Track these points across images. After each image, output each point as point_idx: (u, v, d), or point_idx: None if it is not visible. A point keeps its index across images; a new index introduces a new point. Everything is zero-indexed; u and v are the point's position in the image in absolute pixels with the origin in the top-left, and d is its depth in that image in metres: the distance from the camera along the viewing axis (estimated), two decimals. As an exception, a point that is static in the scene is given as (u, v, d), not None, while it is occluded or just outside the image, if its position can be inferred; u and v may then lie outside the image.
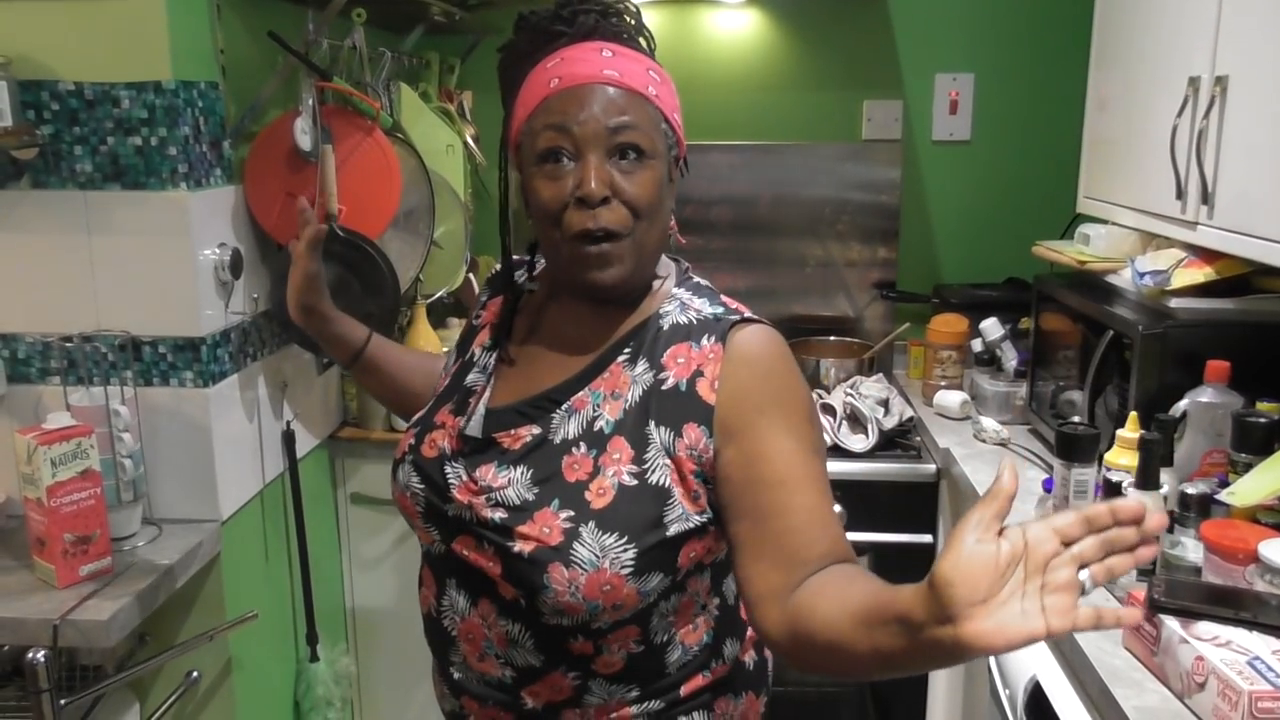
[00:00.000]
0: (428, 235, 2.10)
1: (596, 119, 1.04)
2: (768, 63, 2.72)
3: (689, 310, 1.12)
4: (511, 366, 1.18)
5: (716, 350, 1.07)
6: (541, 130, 1.06)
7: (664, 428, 1.06)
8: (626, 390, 1.09)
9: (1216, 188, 1.65)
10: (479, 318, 1.27)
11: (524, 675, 1.11)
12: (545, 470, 1.07)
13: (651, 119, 1.07)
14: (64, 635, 1.44)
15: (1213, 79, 1.65)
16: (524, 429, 1.10)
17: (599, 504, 1.03)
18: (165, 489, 1.75)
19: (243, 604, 1.82)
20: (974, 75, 2.67)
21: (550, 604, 1.03)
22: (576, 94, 1.05)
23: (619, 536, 1.02)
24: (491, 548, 1.07)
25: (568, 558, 1.02)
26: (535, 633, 1.08)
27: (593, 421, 1.08)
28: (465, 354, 1.24)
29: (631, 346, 1.11)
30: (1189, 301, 1.76)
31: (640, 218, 1.06)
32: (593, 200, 1.03)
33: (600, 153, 1.04)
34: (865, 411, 2.24)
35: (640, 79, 1.08)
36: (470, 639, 1.12)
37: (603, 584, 1.02)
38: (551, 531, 1.03)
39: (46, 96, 1.62)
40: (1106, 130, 2.16)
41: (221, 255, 1.73)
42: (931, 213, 2.76)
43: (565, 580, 1.02)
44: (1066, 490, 1.55)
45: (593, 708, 1.12)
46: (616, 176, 1.05)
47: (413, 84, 2.38)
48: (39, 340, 1.71)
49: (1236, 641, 1.22)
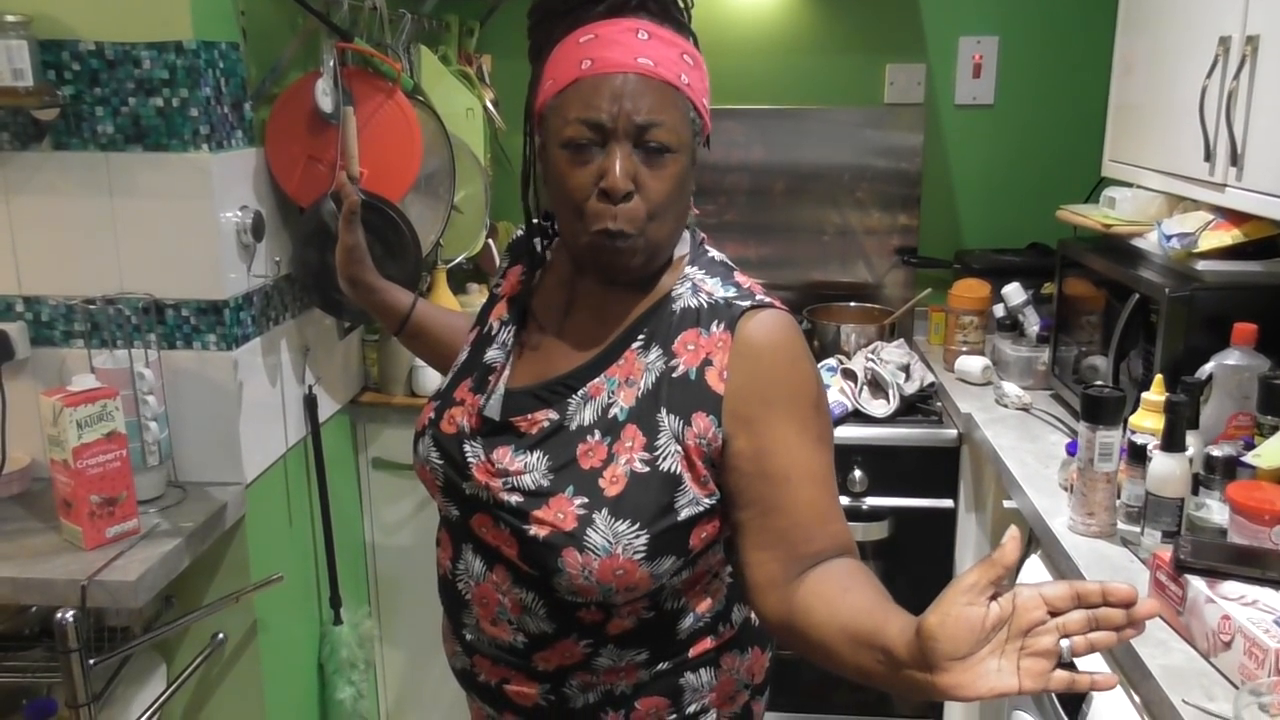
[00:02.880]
0: (448, 199, 2.09)
1: (626, 114, 1.02)
2: (789, 26, 2.69)
3: (700, 293, 1.11)
4: (528, 346, 1.18)
5: (725, 338, 1.06)
6: (571, 119, 1.04)
7: (674, 415, 1.06)
8: (640, 377, 1.09)
9: (1246, 149, 1.63)
10: (499, 286, 1.27)
11: (536, 641, 1.12)
12: (561, 457, 1.08)
13: (681, 111, 1.06)
14: (92, 596, 1.46)
15: (1244, 38, 1.63)
16: (541, 414, 1.11)
17: (612, 491, 1.04)
18: (189, 452, 1.76)
19: (267, 567, 1.84)
20: (998, 38, 2.64)
21: (565, 585, 1.05)
22: (608, 83, 1.03)
23: (631, 523, 1.03)
24: (508, 529, 1.08)
25: (581, 543, 1.03)
26: (548, 602, 1.09)
27: (608, 409, 1.08)
28: (483, 324, 1.24)
29: (645, 332, 1.11)
30: (1216, 264, 1.74)
31: (654, 218, 1.05)
32: (616, 195, 1.03)
33: (627, 145, 1.03)
34: (886, 377, 2.24)
35: (673, 67, 1.05)
36: (484, 603, 1.13)
37: (615, 569, 1.03)
38: (566, 517, 1.04)
39: (67, 56, 1.61)
40: (1133, 93, 2.13)
41: (243, 218, 1.73)
42: (954, 177, 2.73)
43: (579, 564, 1.03)
44: (1091, 452, 1.54)
45: (602, 670, 1.13)
46: (641, 170, 1.04)
47: (432, 47, 2.36)
48: (62, 303, 1.72)
49: (1263, 601, 1.22)
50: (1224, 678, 1.20)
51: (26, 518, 1.65)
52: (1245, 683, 1.13)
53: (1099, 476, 1.55)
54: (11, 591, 1.49)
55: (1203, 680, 1.20)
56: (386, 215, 1.89)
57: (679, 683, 1.15)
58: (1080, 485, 1.58)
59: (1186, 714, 1.14)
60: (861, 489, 2.18)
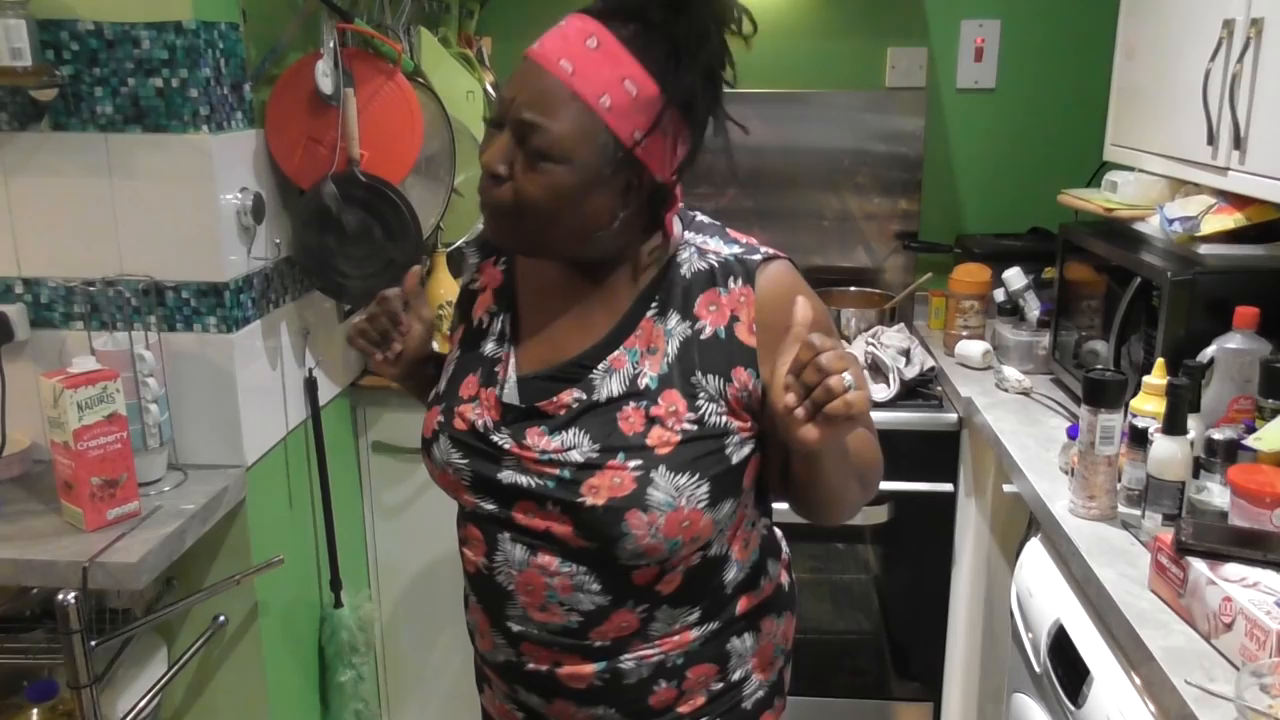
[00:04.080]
0: (448, 182, 2.08)
1: (519, 105, 1.03)
2: (791, 8, 2.68)
3: (706, 255, 1.13)
4: (526, 333, 1.18)
5: (747, 293, 1.10)
6: (499, 93, 1.09)
7: (712, 375, 1.10)
8: (663, 343, 1.10)
9: (1249, 132, 1.63)
10: (475, 282, 1.26)
11: (590, 618, 1.12)
12: (602, 429, 1.09)
13: (583, 128, 1.01)
14: (94, 577, 1.46)
15: (1248, 21, 1.62)
16: (565, 394, 1.11)
17: (664, 450, 1.07)
18: (190, 434, 1.76)
19: (268, 550, 1.84)
20: (1000, 21, 2.63)
21: (629, 549, 1.06)
22: (524, 67, 1.05)
23: (690, 474, 1.07)
24: (558, 507, 1.08)
25: (644, 503, 1.05)
26: (601, 575, 1.10)
27: (635, 378, 1.10)
28: (468, 321, 1.23)
29: (658, 300, 1.12)
30: (1218, 248, 1.74)
31: (523, 214, 1.05)
32: (485, 169, 1.05)
33: (514, 134, 1.04)
34: (887, 361, 2.24)
35: (596, 85, 1.01)
36: (529, 590, 1.13)
37: (682, 521, 1.06)
38: (623, 481, 1.06)
39: (66, 36, 1.60)
40: (1136, 76, 2.13)
41: (244, 200, 1.73)
42: (955, 162, 2.73)
43: (645, 524, 1.05)
44: (1092, 436, 1.54)
45: (657, 637, 1.14)
46: (518, 164, 1.04)
47: (432, 28, 2.35)
48: (61, 285, 1.71)
49: (1264, 583, 1.22)
50: (1225, 659, 1.21)
51: (27, 499, 1.65)
52: (1246, 664, 1.14)
53: (1100, 460, 1.56)
54: (13, 573, 1.48)
55: (1204, 662, 1.21)
56: (387, 197, 1.89)
57: (726, 648, 1.18)
58: (1081, 469, 1.58)
59: (1188, 694, 1.15)
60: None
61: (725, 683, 1.20)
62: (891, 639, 2.37)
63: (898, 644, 2.37)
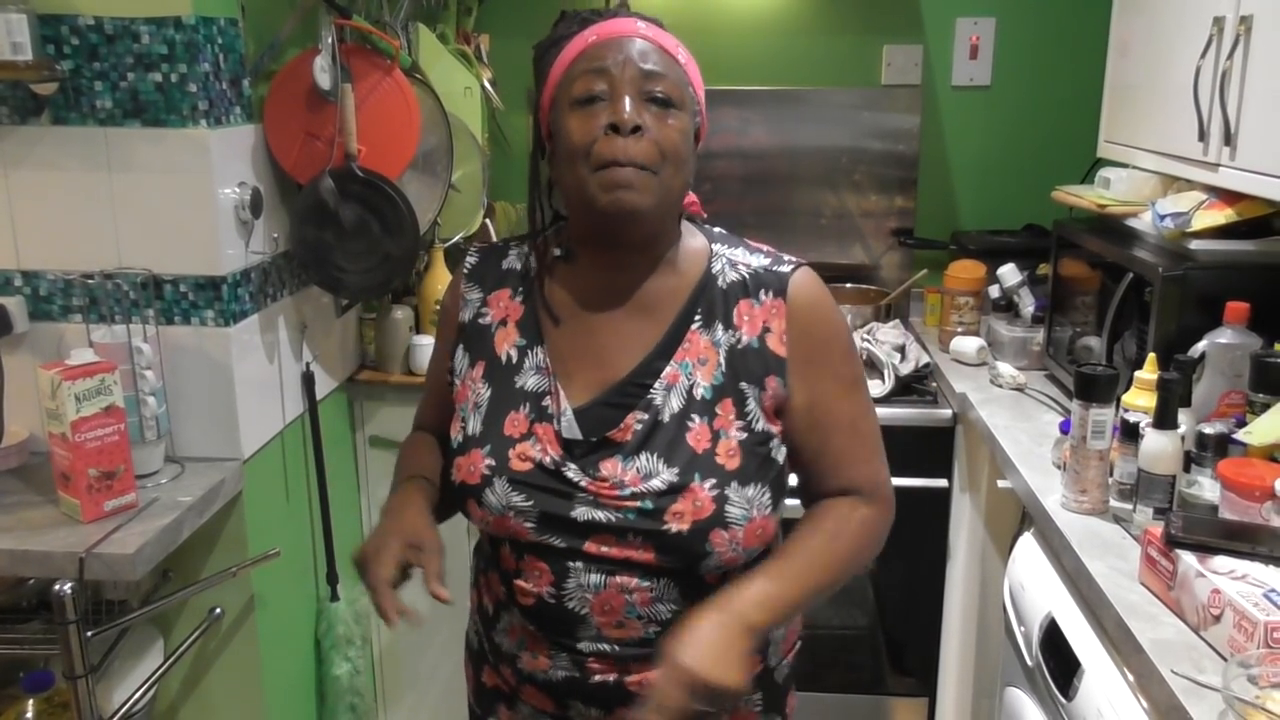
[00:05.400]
0: (446, 178, 2.09)
1: (633, 61, 1.09)
2: (787, 6, 2.68)
3: (738, 266, 1.18)
4: (568, 359, 1.17)
5: (779, 305, 1.16)
6: (579, 75, 1.10)
7: (750, 384, 1.14)
8: (713, 354, 1.14)
9: (1239, 128, 1.64)
10: (484, 316, 1.22)
11: (668, 625, 1.12)
12: (673, 450, 1.11)
13: (680, 78, 1.12)
14: (90, 568, 1.46)
15: (1237, 18, 1.63)
16: (630, 418, 1.12)
17: (732, 465, 1.11)
18: (187, 427, 1.77)
19: (264, 542, 1.85)
20: (995, 19, 2.64)
21: (712, 564, 1.11)
22: (615, 43, 1.10)
23: (756, 485, 1.12)
24: (639, 538, 1.10)
25: (725, 521, 1.09)
26: (681, 585, 1.12)
27: (691, 390, 1.13)
28: (488, 357, 1.20)
29: (701, 311, 1.15)
30: (1209, 244, 1.75)
31: (666, 159, 1.09)
32: (624, 127, 1.06)
33: (635, 93, 1.08)
34: (882, 357, 2.25)
35: (671, 44, 1.14)
36: (606, 610, 1.13)
37: (756, 530, 1.12)
38: (703, 505, 1.09)
39: (66, 31, 1.61)
40: (1129, 73, 2.13)
41: (241, 194, 1.73)
42: (950, 159, 2.74)
43: (726, 541, 1.10)
44: (1084, 430, 1.55)
45: None
46: (648, 117, 1.08)
47: (430, 25, 2.36)
48: (60, 277, 1.72)
49: (1252, 575, 1.23)
50: (1214, 651, 1.21)
51: (24, 491, 1.66)
52: (1234, 655, 1.15)
53: (1092, 454, 1.57)
54: (9, 564, 1.49)
55: (1192, 653, 1.22)
56: (384, 192, 1.89)
57: (769, 636, 1.22)
58: (1073, 463, 1.59)
59: (1175, 684, 1.15)
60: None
61: (765, 668, 1.24)
62: (887, 634, 2.38)
63: (893, 639, 2.38)
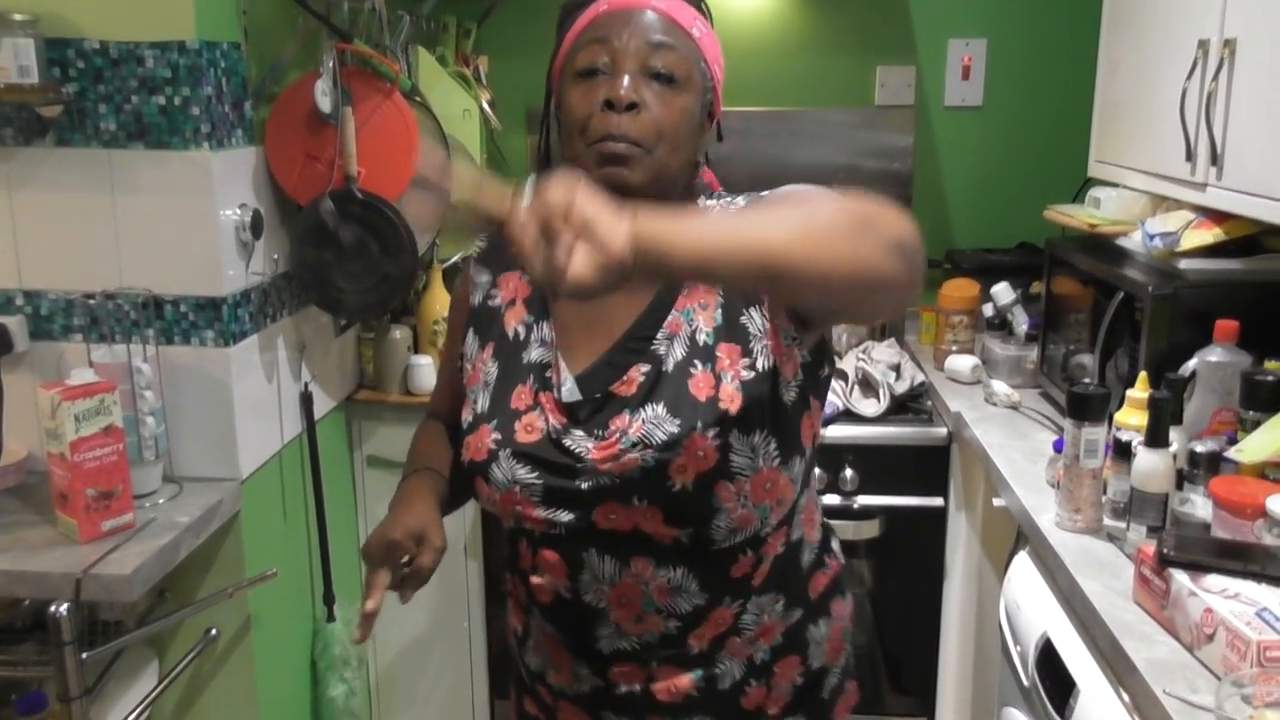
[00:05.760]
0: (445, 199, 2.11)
1: (637, 35, 1.08)
2: (781, 28, 2.71)
3: (735, 202, 1.17)
4: (571, 327, 1.15)
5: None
6: (584, 46, 1.09)
7: (749, 310, 1.11)
8: (710, 297, 1.11)
9: (1225, 149, 1.65)
10: (494, 298, 1.22)
11: (689, 620, 1.11)
12: (675, 398, 1.07)
13: (691, 53, 1.10)
14: (87, 589, 1.46)
15: (1221, 42, 1.65)
16: (633, 370, 1.10)
17: (734, 409, 1.06)
18: (186, 447, 1.77)
19: (261, 563, 1.85)
20: (987, 40, 2.67)
21: (724, 526, 1.06)
22: (622, 15, 1.09)
23: (760, 432, 1.07)
24: (645, 499, 1.06)
25: (730, 472, 1.05)
26: (698, 571, 1.09)
27: (694, 336, 1.10)
28: (499, 336, 1.19)
29: None
30: (1198, 262, 1.77)
31: (663, 138, 1.07)
32: (619, 104, 1.06)
33: (636, 68, 1.07)
34: (877, 376, 2.26)
35: (686, 17, 1.12)
36: (624, 603, 1.10)
37: (764, 483, 1.07)
38: (706, 454, 1.05)
39: (72, 54, 1.63)
40: (1117, 94, 2.16)
41: (242, 215, 1.75)
42: (944, 178, 2.76)
43: (734, 494, 1.05)
44: (1077, 449, 1.56)
45: (749, 631, 1.14)
46: (648, 94, 1.07)
47: (430, 48, 2.38)
48: (62, 297, 1.73)
49: (1245, 594, 1.24)
50: (1207, 670, 1.22)
51: (22, 510, 1.66)
52: (1227, 674, 1.15)
53: (1085, 473, 1.58)
54: (5, 584, 1.49)
55: (1186, 673, 1.22)
56: (383, 214, 1.91)
57: (805, 636, 1.20)
58: (1067, 482, 1.60)
59: (1169, 705, 1.16)
60: (852, 488, 2.20)
61: (807, 675, 1.21)
62: (885, 653, 2.38)
63: (891, 658, 2.38)
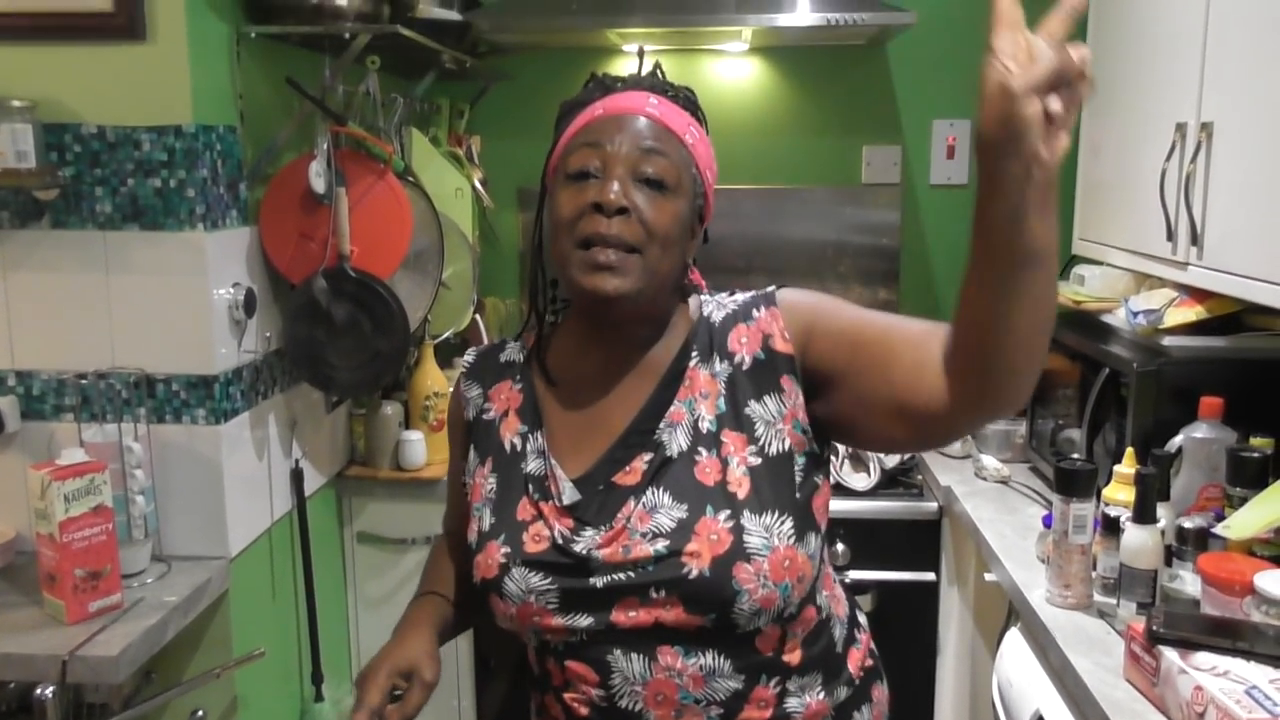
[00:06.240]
0: (436, 276, 2.14)
1: (629, 141, 1.09)
2: (770, 109, 2.78)
3: (724, 306, 1.19)
4: (565, 435, 1.15)
5: (773, 313, 1.15)
6: (576, 149, 1.11)
7: (761, 400, 1.11)
8: (714, 386, 1.12)
9: (1205, 229, 1.69)
10: (487, 412, 1.22)
11: (730, 706, 1.09)
12: (682, 484, 1.08)
13: (682, 159, 1.12)
14: (73, 671, 1.45)
15: (1199, 125, 1.70)
16: (636, 460, 1.10)
17: (743, 494, 1.07)
18: (175, 525, 1.77)
19: (249, 642, 1.83)
20: (970, 121, 2.73)
21: (745, 608, 1.05)
22: (615, 120, 1.10)
23: (772, 512, 1.07)
24: (662, 590, 1.05)
25: (745, 553, 1.04)
26: (730, 653, 1.08)
27: (697, 424, 1.11)
28: (496, 449, 1.19)
29: (696, 349, 1.15)
30: (1182, 339, 1.79)
31: (654, 240, 1.08)
32: (608, 208, 1.06)
33: (626, 173, 1.08)
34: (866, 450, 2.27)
35: (679, 124, 1.13)
36: (661, 700, 1.09)
37: (782, 561, 1.06)
38: (719, 537, 1.05)
39: (69, 139, 1.66)
40: (1099, 174, 2.21)
41: (236, 294, 1.77)
42: (930, 254, 2.80)
43: (752, 574, 1.04)
44: (1066, 525, 1.57)
45: (799, 714, 1.12)
46: (637, 196, 1.08)
47: (424, 129, 2.43)
48: (54, 377, 1.74)
49: (1234, 671, 1.23)
50: (1199, 748, 1.21)
51: (9, 591, 1.65)
52: (1219, 753, 1.15)
53: (1074, 549, 1.58)
54: (-9, 667, 1.48)
55: (1178, 751, 1.22)
56: (375, 292, 1.94)
57: (853, 717, 1.18)
58: (1056, 558, 1.60)
59: (1162, 785, 1.15)
60: (844, 562, 2.19)
61: None
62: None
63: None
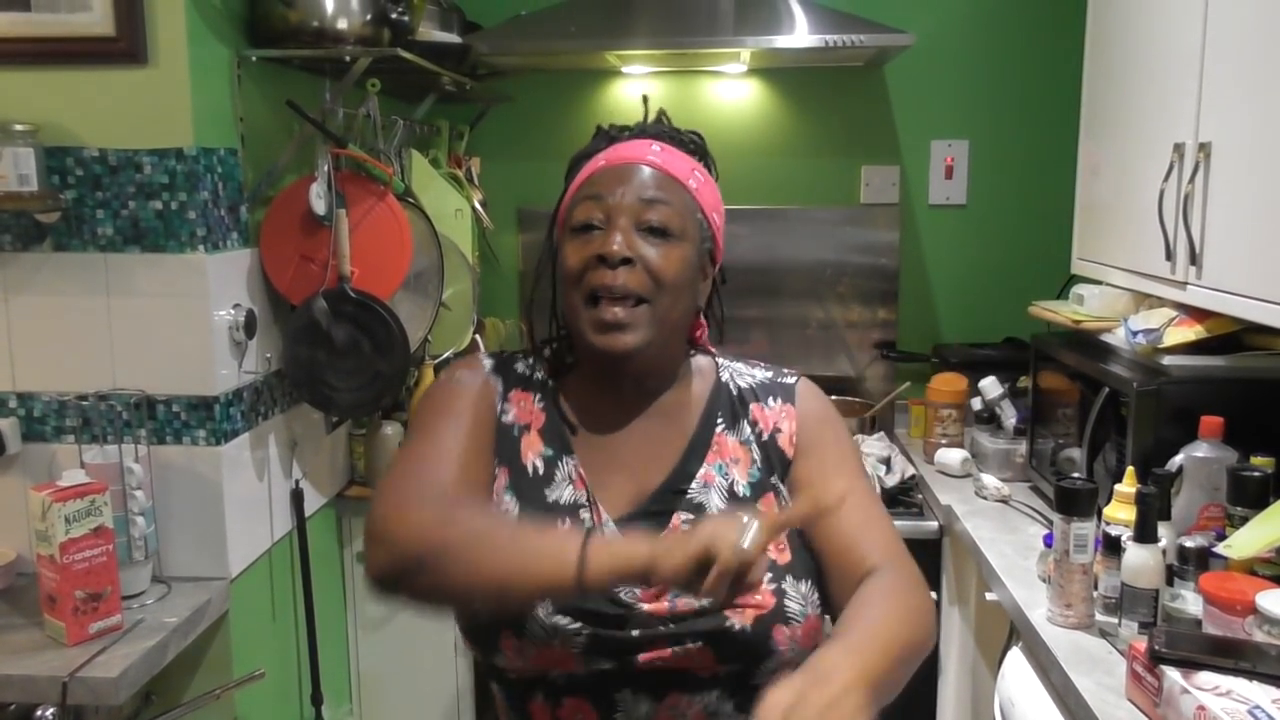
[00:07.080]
0: (437, 297, 2.15)
1: (631, 192, 1.10)
2: (769, 130, 2.79)
3: (744, 375, 1.22)
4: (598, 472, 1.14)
5: (788, 410, 1.19)
6: (580, 202, 1.12)
7: (775, 475, 1.16)
8: (744, 452, 1.15)
9: (1203, 249, 1.69)
10: (507, 414, 1.17)
11: None
12: None
13: (686, 205, 1.12)
14: (73, 692, 1.45)
15: (1197, 145, 1.70)
16: (675, 519, 1.10)
17: (784, 559, 1.09)
18: (175, 546, 1.77)
19: (249, 663, 1.83)
20: (968, 141, 2.75)
21: (770, 668, 1.05)
22: (617, 171, 1.12)
23: (807, 581, 1.09)
24: (699, 641, 1.04)
25: (785, 616, 1.06)
26: (734, 695, 1.07)
27: (732, 487, 1.13)
28: (511, 463, 1.15)
29: (722, 414, 1.17)
30: (1181, 359, 1.79)
31: (662, 288, 1.08)
32: (613, 259, 1.06)
33: (629, 222, 1.09)
34: (868, 469, 2.26)
35: (682, 170, 1.14)
36: None
37: (811, 630, 1.08)
38: (762, 598, 1.05)
39: (71, 162, 1.67)
40: (1098, 194, 2.21)
41: (236, 316, 1.78)
42: (930, 274, 2.81)
43: (788, 638, 1.06)
44: (1067, 544, 1.57)
45: None
46: (642, 246, 1.08)
47: (423, 150, 2.45)
48: (55, 399, 1.74)
49: (1237, 691, 1.23)
50: (1202, 769, 1.21)
51: (9, 613, 1.65)
52: (1222, 774, 1.14)
53: (1075, 568, 1.57)
54: (-9, 689, 1.48)
55: (1181, 772, 1.21)
56: (376, 313, 1.94)
57: None
58: (1057, 577, 1.60)
59: (1165, 806, 1.14)
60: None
61: None
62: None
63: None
